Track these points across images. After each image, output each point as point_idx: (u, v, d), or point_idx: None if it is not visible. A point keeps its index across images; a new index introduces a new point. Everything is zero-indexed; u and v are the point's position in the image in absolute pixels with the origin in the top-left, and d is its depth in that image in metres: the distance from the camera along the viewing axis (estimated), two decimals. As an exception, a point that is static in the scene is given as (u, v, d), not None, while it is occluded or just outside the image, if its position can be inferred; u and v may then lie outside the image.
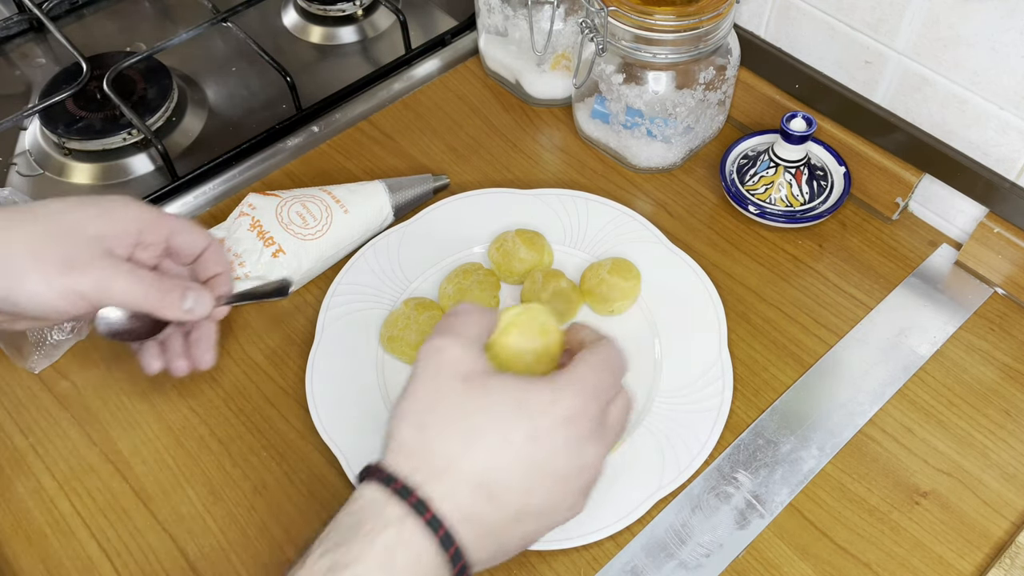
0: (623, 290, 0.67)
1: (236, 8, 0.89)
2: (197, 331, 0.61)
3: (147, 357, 0.60)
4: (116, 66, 0.82)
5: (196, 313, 0.56)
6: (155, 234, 0.57)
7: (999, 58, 0.62)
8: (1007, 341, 0.67)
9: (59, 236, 0.52)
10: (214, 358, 0.61)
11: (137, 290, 0.53)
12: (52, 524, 0.60)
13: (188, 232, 0.59)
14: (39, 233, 0.52)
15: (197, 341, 0.61)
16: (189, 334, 0.61)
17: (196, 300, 0.56)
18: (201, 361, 0.61)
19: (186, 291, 0.56)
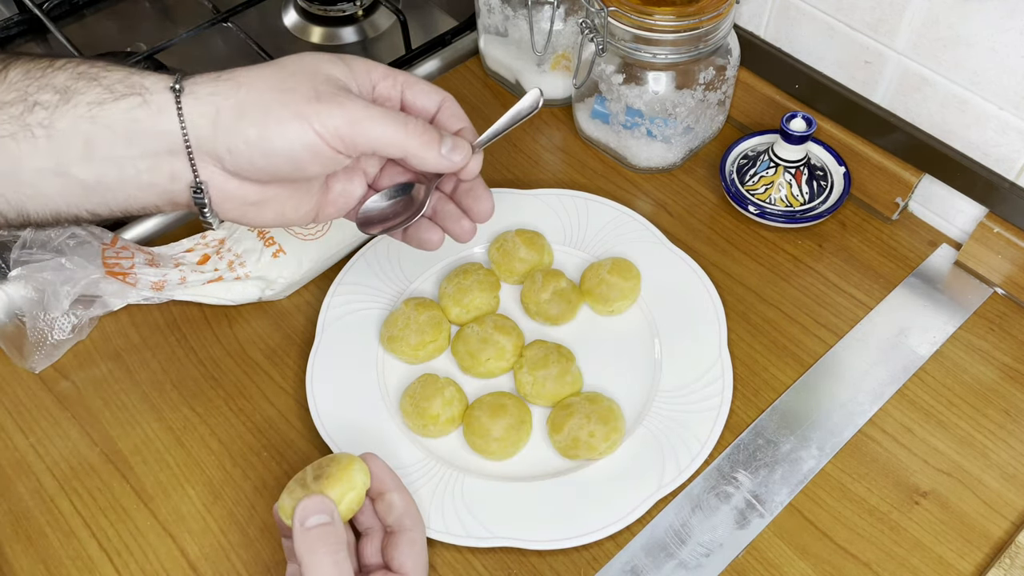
0: (623, 290, 0.67)
1: (236, 8, 0.89)
2: (461, 187, 0.56)
3: (422, 232, 0.56)
4: (116, 66, 0.82)
5: (455, 160, 0.50)
6: (390, 86, 0.51)
7: (999, 58, 0.62)
8: (1007, 341, 0.67)
9: (301, 75, 0.47)
10: (492, 206, 0.55)
11: (395, 128, 0.48)
12: (52, 524, 0.60)
13: (421, 84, 0.53)
14: (283, 74, 0.47)
15: (467, 192, 0.55)
16: (454, 193, 0.56)
17: (454, 144, 0.51)
18: (481, 211, 0.55)
19: (442, 135, 0.50)
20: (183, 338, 0.69)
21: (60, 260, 0.64)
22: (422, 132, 0.49)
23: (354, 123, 0.46)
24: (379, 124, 0.47)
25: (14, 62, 0.45)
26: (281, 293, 0.70)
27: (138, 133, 0.45)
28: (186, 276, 0.67)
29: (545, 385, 0.62)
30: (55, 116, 0.44)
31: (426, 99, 0.53)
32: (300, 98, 0.46)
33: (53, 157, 0.44)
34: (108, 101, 0.45)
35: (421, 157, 0.49)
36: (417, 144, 0.49)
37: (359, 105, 0.47)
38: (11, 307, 0.66)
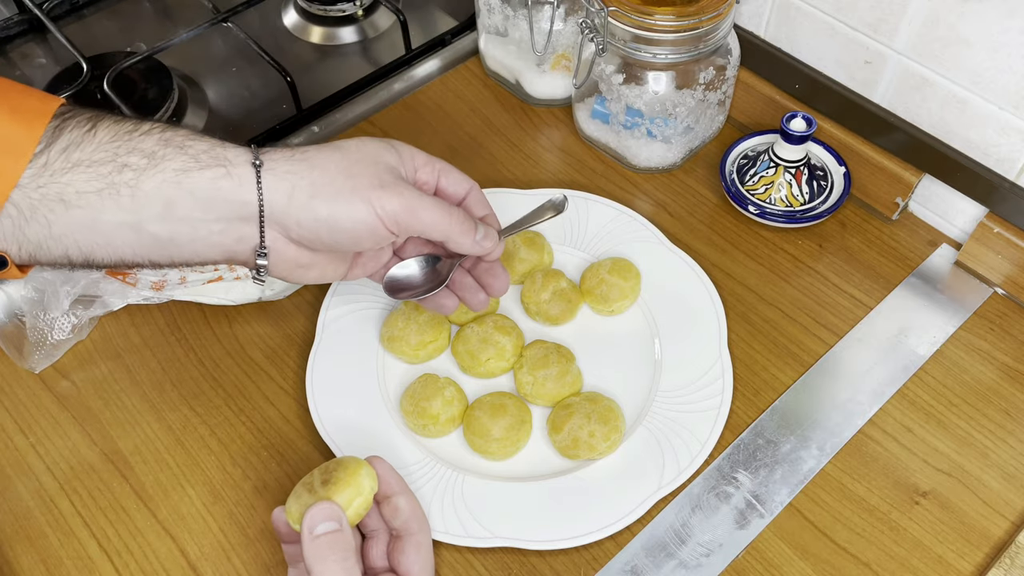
0: (623, 290, 0.67)
1: (236, 8, 0.89)
2: (481, 265, 0.61)
3: (441, 299, 0.61)
4: (116, 66, 0.82)
5: (485, 246, 0.57)
6: (429, 172, 0.57)
7: (999, 58, 0.62)
8: (1007, 341, 0.67)
9: (364, 163, 0.53)
10: (507, 283, 0.61)
11: (442, 216, 0.54)
12: (52, 524, 0.60)
13: (454, 173, 0.59)
14: (349, 159, 0.53)
15: (487, 271, 0.61)
16: (473, 269, 0.62)
17: (486, 232, 0.57)
18: (498, 288, 0.61)
19: (477, 224, 0.57)
20: (183, 338, 0.69)
21: (60, 260, 0.64)
22: (463, 221, 0.55)
23: (409, 210, 0.52)
24: (429, 212, 0.53)
25: (101, 121, 0.48)
26: (281, 293, 0.70)
27: (218, 200, 0.50)
28: (186, 276, 0.67)
29: (545, 385, 0.62)
30: (142, 179, 0.48)
31: (458, 186, 0.59)
32: (366, 184, 0.52)
33: (133, 214, 0.48)
34: (194, 170, 0.49)
35: (459, 242, 0.56)
36: (459, 231, 0.55)
37: (414, 195, 0.53)
38: (11, 307, 0.66)
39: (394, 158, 0.55)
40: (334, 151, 0.53)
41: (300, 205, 0.51)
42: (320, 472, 0.51)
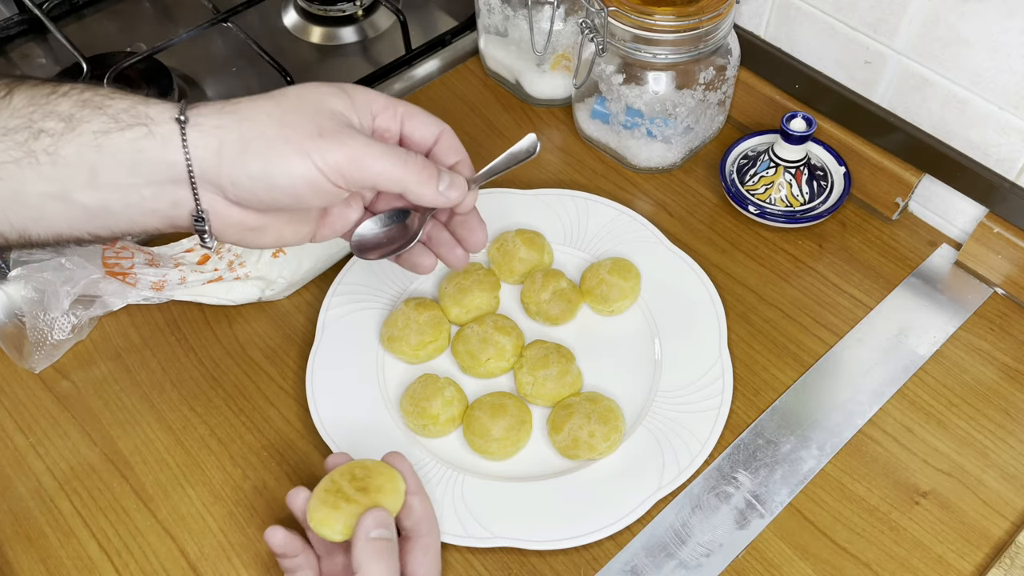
0: (623, 290, 0.67)
1: (236, 8, 0.89)
2: (456, 219, 0.57)
3: (415, 257, 0.57)
4: (116, 66, 0.82)
5: (451, 196, 0.52)
6: (390, 117, 0.52)
7: (999, 58, 0.62)
8: (1007, 341, 0.67)
9: (304, 110, 0.48)
10: (485, 237, 0.57)
11: (394, 165, 0.48)
12: (52, 524, 0.60)
13: (420, 115, 0.53)
14: (285, 107, 0.48)
15: (462, 224, 0.57)
16: (449, 223, 0.58)
17: (452, 181, 0.52)
18: (475, 242, 0.57)
19: (440, 171, 0.51)
20: (183, 338, 0.69)
21: (60, 260, 0.64)
22: (420, 169, 0.50)
23: (354, 160, 0.47)
24: (379, 161, 0.48)
25: (18, 87, 0.46)
26: (281, 293, 0.70)
27: (143, 163, 0.46)
28: (186, 276, 0.67)
29: (545, 385, 0.62)
30: (60, 144, 0.45)
31: (424, 130, 0.53)
32: (302, 134, 0.47)
33: (57, 183, 0.45)
34: (113, 131, 0.45)
35: (419, 194, 0.50)
36: (416, 181, 0.49)
37: (360, 141, 0.48)
38: (11, 307, 0.66)
39: (342, 103, 0.49)
40: (268, 100, 0.48)
41: (231, 162, 0.46)
42: (347, 479, 0.50)
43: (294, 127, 0.47)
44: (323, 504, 0.49)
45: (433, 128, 0.53)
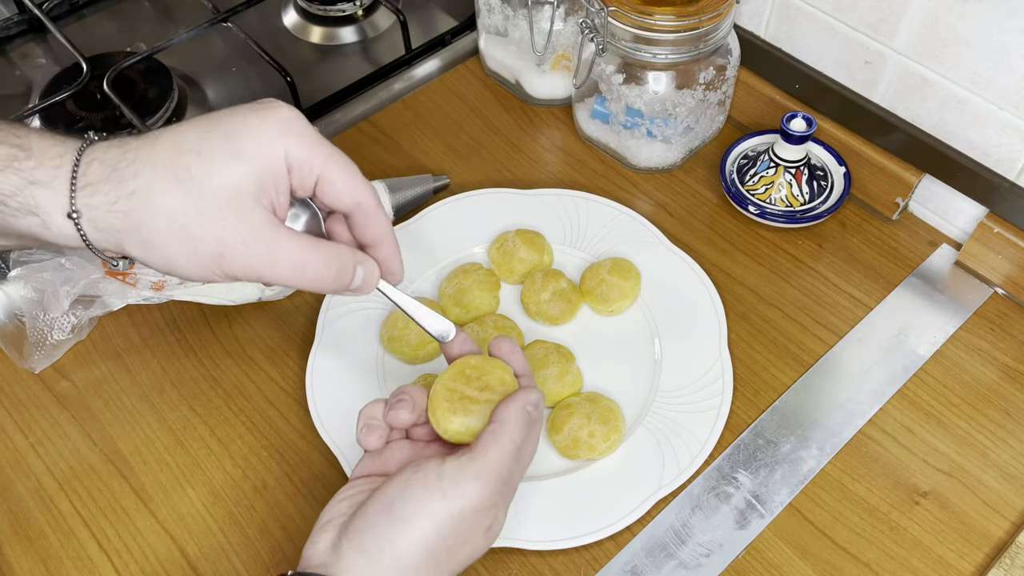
0: (623, 290, 0.67)
1: (236, 8, 0.89)
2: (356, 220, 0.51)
3: None
4: (116, 66, 0.82)
5: (360, 292, 0.50)
6: (303, 177, 0.47)
7: (999, 58, 0.62)
8: (1007, 341, 0.67)
9: (209, 213, 0.44)
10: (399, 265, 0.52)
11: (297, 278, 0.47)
12: (52, 524, 0.60)
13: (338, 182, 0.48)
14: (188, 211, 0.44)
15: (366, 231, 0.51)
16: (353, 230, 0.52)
17: (365, 277, 0.49)
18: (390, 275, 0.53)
19: (356, 266, 0.49)
20: (183, 338, 0.68)
21: (60, 260, 0.64)
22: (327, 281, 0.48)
23: (255, 275, 0.46)
24: (281, 278, 0.47)
25: None
26: (281, 293, 0.70)
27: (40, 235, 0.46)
28: (186, 276, 0.67)
29: (545, 385, 0.62)
30: None
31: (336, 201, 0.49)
32: (203, 253, 0.45)
33: None
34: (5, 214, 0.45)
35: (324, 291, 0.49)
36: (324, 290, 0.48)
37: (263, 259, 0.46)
38: (11, 307, 0.66)
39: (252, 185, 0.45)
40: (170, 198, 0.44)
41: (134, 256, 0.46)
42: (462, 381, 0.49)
43: (195, 244, 0.45)
44: (454, 412, 0.49)
45: (347, 199, 0.49)
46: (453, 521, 0.45)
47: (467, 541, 0.46)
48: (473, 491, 0.45)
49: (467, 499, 0.45)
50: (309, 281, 0.47)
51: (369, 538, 0.45)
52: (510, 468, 0.47)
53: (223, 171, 0.45)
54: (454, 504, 0.45)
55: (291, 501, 0.60)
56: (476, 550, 0.47)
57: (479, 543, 0.47)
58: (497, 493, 0.46)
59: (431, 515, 0.45)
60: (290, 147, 0.46)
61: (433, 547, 0.45)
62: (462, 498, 0.45)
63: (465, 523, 0.45)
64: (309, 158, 0.47)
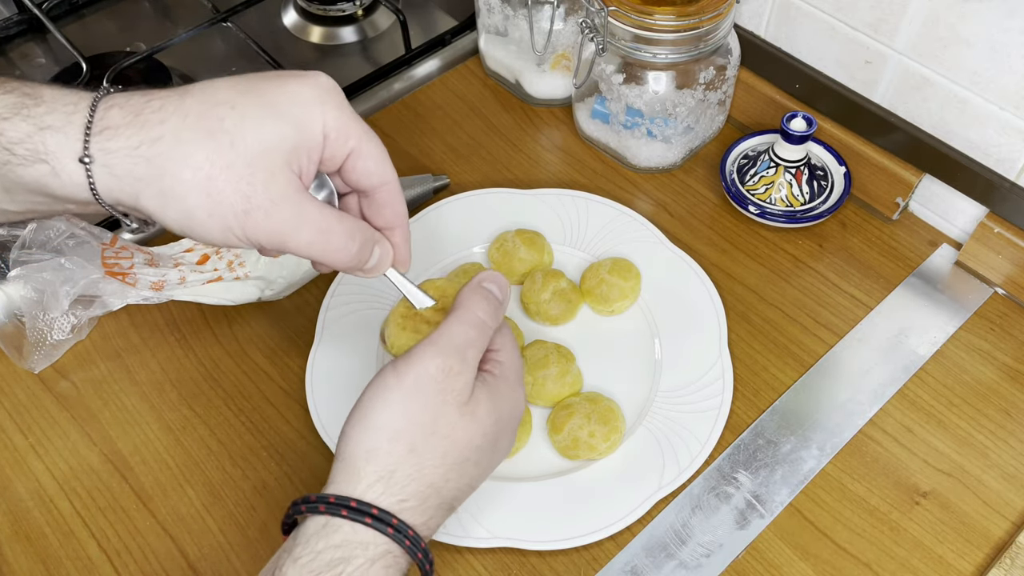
0: (623, 290, 0.67)
1: (236, 8, 0.89)
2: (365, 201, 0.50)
3: None
4: (116, 66, 0.82)
5: (373, 272, 0.49)
6: (338, 147, 0.46)
7: (999, 58, 0.62)
8: (1007, 341, 0.67)
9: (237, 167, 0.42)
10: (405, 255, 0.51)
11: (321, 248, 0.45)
12: (52, 524, 0.60)
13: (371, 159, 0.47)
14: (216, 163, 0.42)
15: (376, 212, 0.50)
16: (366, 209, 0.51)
17: (380, 257, 0.49)
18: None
19: (374, 245, 0.48)
20: (183, 338, 0.68)
21: (59, 260, 0.64)
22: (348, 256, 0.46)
23: (277, 240, 0.44)
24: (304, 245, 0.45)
25: None
26: (281, 293, 0.70)
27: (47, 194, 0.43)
28: (185, 276, 0.67)
29: (545, 385, 0.62)
30: None
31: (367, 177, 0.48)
32: (227, 209, 0.42)
33: None
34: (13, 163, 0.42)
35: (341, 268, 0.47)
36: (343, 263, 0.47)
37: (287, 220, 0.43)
38: (11, 307, 0.66)
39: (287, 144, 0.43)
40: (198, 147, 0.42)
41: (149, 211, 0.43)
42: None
43: (219, 199, 0.42)
44: (402, 330, 0.48)
45: (375, 179, 0.48)
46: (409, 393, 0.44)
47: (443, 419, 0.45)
48: (426, 358, 0.44)
49: (420, 366, 0.44)
50: (332, 251, 0.45)
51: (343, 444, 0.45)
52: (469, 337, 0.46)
53: (258, 128, 0.43)
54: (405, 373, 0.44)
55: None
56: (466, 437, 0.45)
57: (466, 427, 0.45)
58: (460, 361, 0.45)
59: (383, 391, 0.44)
60: (328, 115, 0.45)
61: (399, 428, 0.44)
62: (414, 365, 0.44)
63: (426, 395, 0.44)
64: (347, 129, 0.46)
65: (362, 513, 0.43)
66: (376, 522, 0.43)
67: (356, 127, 0.46)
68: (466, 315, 0.47)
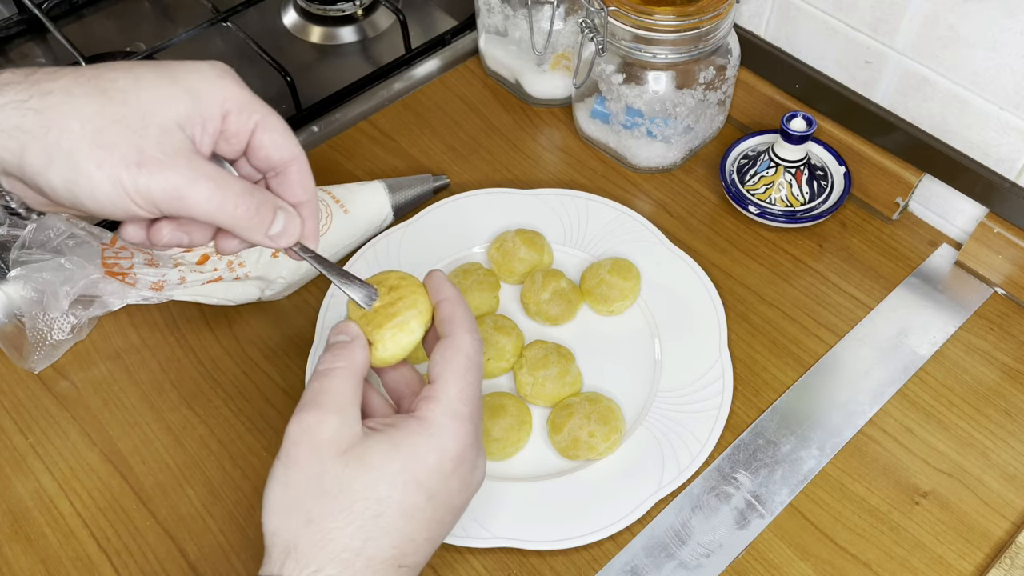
0: (623, 290, 0.67)
1: (236, 8, 0.89)
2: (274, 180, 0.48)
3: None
4: (116, 66, 0.82)
5: (280, 241, 0.46)
6: (242, 122, 0.45)
7: (999, 58, 0.62)
8: (1007, 341, 0.67)
9: (129, 121, 0.41)
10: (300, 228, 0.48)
11: (218, 207, 0.43)
12: (52, 524, 0.60)
13: (277, 132, 0.46)
14: (107, 116, 0.41)
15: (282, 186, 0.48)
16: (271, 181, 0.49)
17: (286, 224, 0.46)
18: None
19: (277, 210, 0.45)
20: (183, 338, 0.68)
21: (59, 260, 0.64)
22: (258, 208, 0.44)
23: (173, 195, 0.42)
24: (200, 199, 0.42)
25: None
26: (281, 293, 0.70)
27: None
28: (185, 276, 0.67)
29: (545, 385, 0.62)
30: None
31: (275, 150, 0.46)
32: (118, 159, 0.40)
33: None
34: None
35: (244, 235, 0.45)
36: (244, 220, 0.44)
37: (184, 173, 0.42)
38: (11, 307, 0.66)
39: (182, 109, 0.42)
40: (89, 98, 0.41)
41: (34, 171, 0.41)
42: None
43: (109, 149, 0.40)
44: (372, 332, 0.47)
45: (285, 152, 0.46)
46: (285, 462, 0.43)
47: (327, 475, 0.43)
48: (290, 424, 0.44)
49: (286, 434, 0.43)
50: (231, 209, 0.43)
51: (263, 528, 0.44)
52: (324, 386, 0.45)
53: (153, 88, 0.42)
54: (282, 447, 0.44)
55: None
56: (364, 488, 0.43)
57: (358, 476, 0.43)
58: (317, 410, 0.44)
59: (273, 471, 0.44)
60: (228, 91, 0.44)
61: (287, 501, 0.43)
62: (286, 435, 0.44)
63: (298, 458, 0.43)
64: (249, 104, 0.45)
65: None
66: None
67: (258, 103, 0.45)
68: (318, 370, 0.45)
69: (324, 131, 0.83)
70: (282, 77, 0.82)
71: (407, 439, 0.44)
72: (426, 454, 0.43)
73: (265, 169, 0.47)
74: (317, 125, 0.83)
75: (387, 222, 0.73)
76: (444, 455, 0.44)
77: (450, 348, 0.47)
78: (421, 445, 0.44)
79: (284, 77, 0.82)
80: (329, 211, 0.70)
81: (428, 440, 0.44)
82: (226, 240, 0.47)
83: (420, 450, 0.44)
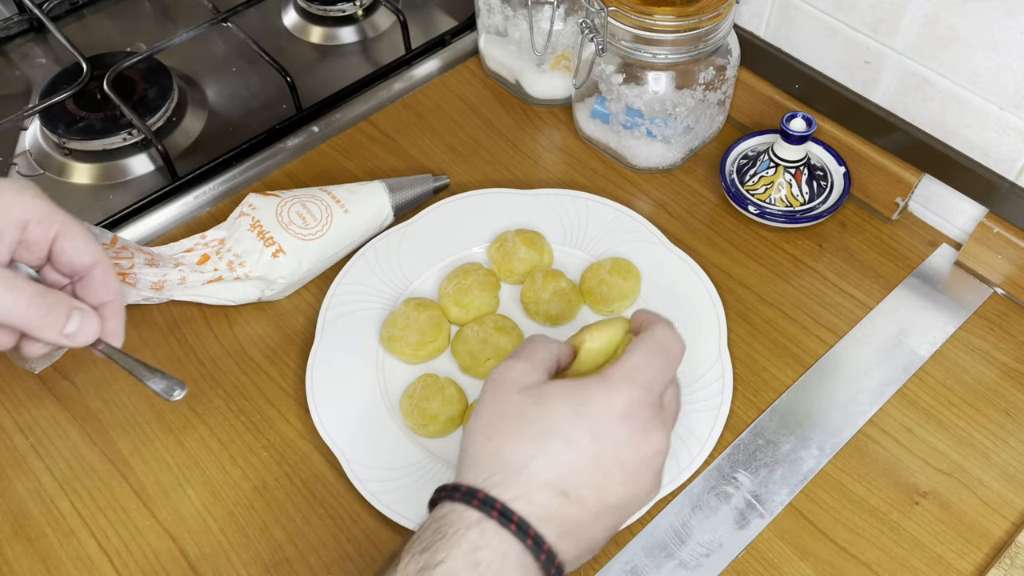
0: (623, 290, 0.67)
1: (236, 8, 0.89)
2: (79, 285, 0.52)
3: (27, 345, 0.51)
4: (116, 66, 0.82)
5: (77, 339, 0.50)
6: (42, 231, 0.49)
7: (999, 58, 0.62)
8: (1007, 341, 0.67)
9: None
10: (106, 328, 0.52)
11: (11, 303, 0.47)
12: (52, 524, 0.60)
13: (78, 239, 0.50)
14: None
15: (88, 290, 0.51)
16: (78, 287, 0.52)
17: (82, 323, 0.50)
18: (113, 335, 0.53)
19: (72, 310, 0.49)
20: (183, 338, 0.68)
21: (60, 260, 0.64)
22: (50, 309, 0.48)
23: None
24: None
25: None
26: (281, 293, 0.70)
27: None
28: (186, 276, 0.67)
29: (545, 385, 0.62)
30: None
31: (76, 256, 0.50)
32: None
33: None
34: None
35: (39, 334, 0.48)
36: (37, 320, 0.47)
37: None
38: (11, 307, 0.66)
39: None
40: None
41: None
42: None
43: None
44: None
45: (87, 257, 0.50)
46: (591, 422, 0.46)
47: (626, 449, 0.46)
48: (616, 391, 0.46)
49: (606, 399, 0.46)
50: (22, 309, 0.46)
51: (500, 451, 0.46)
52: (654, 370, 0.48)
53: None
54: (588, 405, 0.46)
55: (291, 501, 0.60)
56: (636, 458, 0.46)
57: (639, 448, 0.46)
58: (646, 392, 0.47)
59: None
60: (28, 203, 0.48)
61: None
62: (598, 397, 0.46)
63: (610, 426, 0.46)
64: (50, 214, 0.48)
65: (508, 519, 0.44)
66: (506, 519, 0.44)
67: (59, 213, 0.49)
68: (650, 342, 0.49)
69: (324, 131, 0.83)
70: (282, 77, 0.82)
71: (583, 386, 0.47)
72: (595, 400, 0.46)
73: (70, 274, 0.51)
74: (317, 125, 0.83)
75: (387, 222, 0.73)
76: (611, 407, 0.46)
77: (645, 332, 0.50)
78: (593, 394, 0.47)
79: (284, 77, 0.82)
80: (329, 211, 0.70)
81: (599, 391, 0.47)
82: (29, 343, 0.50)
83: (591, 396, 0.46)
